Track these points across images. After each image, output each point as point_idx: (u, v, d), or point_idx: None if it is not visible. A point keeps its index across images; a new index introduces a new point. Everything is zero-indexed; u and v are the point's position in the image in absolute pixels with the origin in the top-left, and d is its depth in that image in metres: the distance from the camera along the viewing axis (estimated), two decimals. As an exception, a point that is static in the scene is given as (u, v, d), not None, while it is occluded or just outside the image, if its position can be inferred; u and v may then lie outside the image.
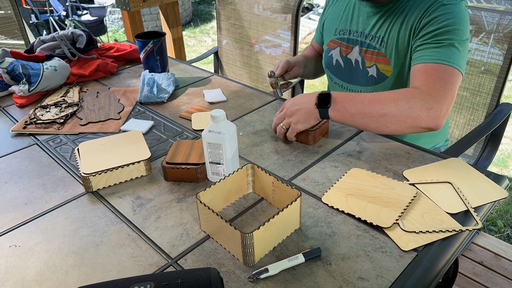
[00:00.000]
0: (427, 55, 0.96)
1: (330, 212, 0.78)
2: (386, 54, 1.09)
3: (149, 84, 1.26)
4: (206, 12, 6.50)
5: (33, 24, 5.08)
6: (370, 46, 1.12)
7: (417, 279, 0.64)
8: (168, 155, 0.90)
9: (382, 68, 1.12)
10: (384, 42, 1.09)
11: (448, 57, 0.94)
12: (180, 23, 2.63)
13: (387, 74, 1.11)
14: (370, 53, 1.13)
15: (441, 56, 0.94)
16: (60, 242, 0.74)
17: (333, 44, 1.23)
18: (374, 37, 1.11)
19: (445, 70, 0.93)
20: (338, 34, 1.20)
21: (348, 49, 1.18)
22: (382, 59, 1.11)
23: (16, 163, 0.99)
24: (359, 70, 1.17)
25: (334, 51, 1.23)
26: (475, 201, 0.79)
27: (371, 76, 1.15)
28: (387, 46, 1.09)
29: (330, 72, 1.27)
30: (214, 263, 0.69)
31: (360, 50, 1.15)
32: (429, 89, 0.90)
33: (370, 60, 1.13)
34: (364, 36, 1.13)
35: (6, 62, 1.31)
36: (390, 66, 1.10)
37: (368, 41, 1.13)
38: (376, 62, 1.12)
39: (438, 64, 0.93)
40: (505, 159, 2.63)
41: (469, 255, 1.71)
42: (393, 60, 1.08)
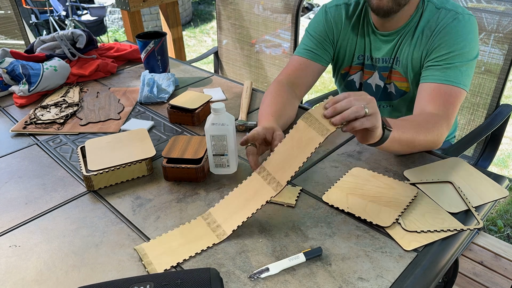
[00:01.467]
0: (439, 75, 1.00)
1: (330, 212, 0.78)
2: (401, 72, 1.12)
3: (149, 84, 1.26)
4: (206, 12, 6.50)
5: (33, 24, 5.08)
6: (387, 68, 1.15)
7: (417, 279, 0.64)
8: (164, 150, 0.91)
9: (400, 85, 1.15)
10: (399, 62, 1.11)
11: (458, 79, 0.99)
12: (180, 23, 2.63)
13: (407, 90, 1.15)
14: (393, 74, 1.15)
15: (451, 78, 0.99)
16: (60, 242, 0.74)
17: (351, 70, 1.23)
18: (391, 59, 1.13)
19: (455, 94, 0.98)
20: (357, 59, 1.20)
21: (368, 74, 1.20)
22: (399, 77, 1.14)
23: (16, 163, 0.99)
24: (379, 88, 1.20)
25: (355, 76, 1.24)
26: (476, 200, 0.80)
27: (390, 92, 1.18)
28: (401, 65, 1.11)
29: None
30: (214, 263, 0.69)
31: (381, 75, 1.17)
32: (446, 118, 0.96)
33: (389, 79, 1.17)
34: (383, 61, 1.15)
35: (6, 62, 1.31)
36: (407, 82, 1.13)
37: (385, 65, 1.15)
38: (394, 81, 1.15)
39: (449, 86, 0.98)
40: (505, 159, 2.63)
41: (469, 255, 1.71)
42: (409, 76, 1.12)
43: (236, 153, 0.91)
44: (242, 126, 1.08)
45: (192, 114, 1.10)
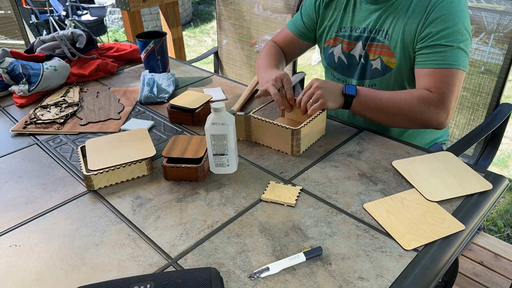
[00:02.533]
0: (434, 59, 1.01)
1: (330, 212, 0.79)
2: (391, 46, 1.11)
3: (149, 84, 1.26)
4: (206, 12, 6.50)
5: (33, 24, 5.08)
6: (374, 39, 1.13)
7: (417, 279, 0.64)
8: (165, 149, 0.91)
9: (387, 60, 1.12)
10: (389, 35, 1.10)
11: (454, 60, 1.00)
12: (180, 23, 2.63)
13: (392, 66, 1.12)
14: (374, 46, 1.13)
15: (447, 60, 1.00)
16: (60, 242, 0.74)
17: (333, 42, 1.22)
18: (378, 31, 1.12)
19: (451, 74, 1.00)
20: (339, 31, 1.20)
21: (351, 45, 1.18)
22: (386, 52, 1.12)
23: (16, 163, 0.99)
24: (362, 64, 1.18)
25: (335, 49, 1.23)
26: (459, 191, 0.82)
27: (375, 69, 1.15)
28: (391, 39, 1.10)
29: (332, 69, 1.26)
30: (214, 263, 0.69)
31: (364, 45, 1.15)
32: (438, 94, 0.99)
33: (374, 53, 1.14)
34: (367, 31, 1.14)
35: (6, 62, 1.31)
36: (394, 58, 1.11)
37: (371, 35, 1.13)
38: (381, 55, 1.13)
39: (445, 69, 1.00)
40: (505, 159, 2.63)
41: (469, 255, 1.71)
42: (398, 52, 1.10)
43: (236, 153, 0.92)
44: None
45: (192, 114, 1.10)
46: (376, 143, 1.00)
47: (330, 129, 1.07)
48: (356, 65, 1.19)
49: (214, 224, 0.77)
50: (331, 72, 1.28)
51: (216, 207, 0.81)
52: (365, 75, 1.18)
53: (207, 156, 0.90)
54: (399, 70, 1.11)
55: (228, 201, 0.83)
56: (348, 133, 1.05)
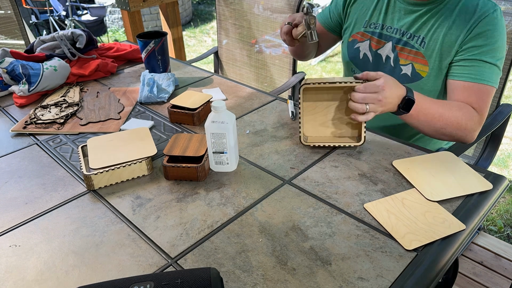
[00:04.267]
0: (472, 73, 1.01)
1: (330, 212, 0.78)
2: (426, 55, 1.08)
3: (149, 84, 1.26)
4: (206, 12, 6.50)
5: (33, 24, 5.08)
6: (408, 44, 1.10)
7: (417, 279, 0.64)
8: (166, 147, 0.91)
9: (419, 68, 1.10)
10: (425, 43, 1.07)
11: (491, 78, 1.01)
12: (180, 23, 2.63)
13: (423, 75, 1.10)
14: (407, 51, 1.10)
15: (485, 76, 1.00)
16: (60, 242, 0.74)
17: (360, 37, 1.19)
18: (412, 36, 1.09)
19: (488, 92, 1.01)
20: (369, 27, 1.17)
21: (380, 44, 1.15)
22: (420, 59, 1.09)
23: (16, 163, 0.99)
24: (390, 67, 1.15)
25: (362, 44, 1.19)
26: (459, 191, 0.82)
27: (405, 74, 1.12)
28: (427, 47, 1.07)
29: (354, 65, 1.23)
30: (214, 263, 0.69)
31: (395, 47, 1.12)
32: (479, 112, 1.01)
33: (406, 59, 1.11)
34: (400, 33, 1.11)
35: (6, 62, 1.31)
36: (427, 67, 1.08)
37: (405, 39, 1.10)
38: (413, 62, 1.10)
39: (482, 85, 1.00)
40: (505, 159, 2.63)
41: (469, 255, 1.71)
42: (432, 62, 1.07)
43: (236, 151, 0.92)
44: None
45: (193, 114, 1.10)
46: (376, 143, 1.00)
47: (330, 129, 1.07)
48: (382, 66, 1.17)
49: (214, 224, 0.77)
50: (352, 68, 1.25)
51: (216, 207, 0.81)
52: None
53: (208, 155, 0.90)
54: (429, 79, 1.09)
55: (228, 201, 0.83)
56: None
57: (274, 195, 0.84)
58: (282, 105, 1.21)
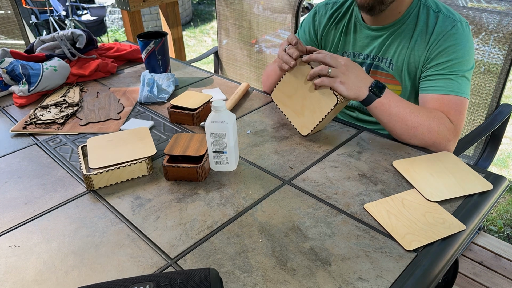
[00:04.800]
0: (442, 86, 1.01)
1: (330, 213, 0.78)
2: (395, 75, 1.11)
3: (149, 84, 1.26)
4: (206, 12, 6.50)
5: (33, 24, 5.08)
6: (378, 67, 1.13)
7: (417, 280, 0.64)
8: (166, 147, 0.91)
9: (392, 88, 1.12)
10: (393, 65, 1.10)
11: (460, 89, 1.00)
12: (180, 23, 2.63)
13: (398, 93, 1.12)
14: (378, 74, 1.14)
15: (454, 88, 1.00)
16: (60, 242, 0.74)
17: None
18: (381, 59, 1.12)
19: (461, 103, 1.00)
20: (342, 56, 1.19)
21: None
22: (391, 81, 1.12)
23: (16, 163, 0.99)
24: None
25: None
26: (459, 191, 0.82)
27: None
28: (395, 68, 1.10)
29: None
30: (214, 263, 0.69)
31: (369, 71, 1.15)
32: (453, 121, 0.99)
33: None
34: (370, 58, 1.14)
35: (6, 62, 1.31)
36: (400, 86, 1.12)
37: (375, 63, 1.14)
38: (386, 83, 1.10)
39: (454, 97, 1.00)
40: (505, 159, 2.63)
41: (469, 255, 1.71)
42: (403, 81, 1.11)
43: (237, 151, 0.92)
44: None
45: (193, 114, 1.10)
46: (376, 143, 1.00)
47: (330, 129, 1.07)
48: None
49: (213, 224, 0.77)
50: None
51: (216, 208, 0.81)
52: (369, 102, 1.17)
53: (208, 156, 0.90)
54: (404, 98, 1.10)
55: (228, 201, 0.83)
56: (348, 133, 1.05)
57: (274, 195, 0.84)
58: (282, 105, 1.21)
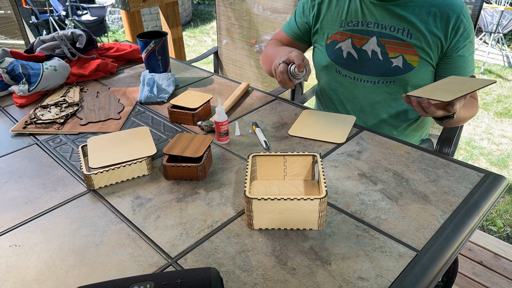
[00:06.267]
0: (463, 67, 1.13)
1: (330, 212, 0.79)
2: (414, 45, 1.11)
3: (149, 84, 1.26)
4: (206, 12, 6.50)
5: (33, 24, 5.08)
6: (394, 37, 1.12)
7: (417, 279, 0.64)
8: (166, 146, 0.91)
9: (410, 59, 1.12)
10: (411, 34, 1.11)
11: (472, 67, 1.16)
12: (180, 23, 2.63)
13: (414, 65, 1.12)
14: (395, 44, 1.12)
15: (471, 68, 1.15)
16: (60, 242, 0.75)
17: (340, 37, 1.19)
18: (397, 29, 1.11)
19: None
20: (347, 25, 1.18)
21: (363, 40, 1.16)
22: (410, 50, 1.12)
23: (16, 162, 0.99)
24: (378, 61, 1.15)
25: (343, 43, 1.19)
26: (468, 89, 0.91)
27: (396, 66, 1.14)
28: (414, 38, 1.10)
29: (339, 65, 1.22)
30: (214, 263, 0.69)
31: (380, 41, 1.14)
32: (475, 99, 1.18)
33: (395, 51, 1.13)
34: (382, 26, 1.13)
35: (6, 62, 1.31)
36: (417, 57, 1.11)
37: (390, 32, 1.12)
38: (403, 53, 1.12)
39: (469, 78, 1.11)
40: (505, 159, 2.63)
41: (468, 255, 1.71)
42: (420, 51, 1.11)
43: None
44: (208, 127, 1.07)
45: (193, 114, 1.10)
46: (376, 143, 1.00)
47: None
48: (369, 61, 1.17)
49: (214, 224, 0.77)
50: (336, 69, 1.24)
51: (216, 207, 0.81)
52: (381, 71, 1.16)
53: (207, 155, 0.91)
54: (420, 69, 1.12)
55: (228, 201, 0.83)
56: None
57: (274, 195, 0.84)
58: (282, 105, 1.21)
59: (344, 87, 1.25)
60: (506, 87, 3.63)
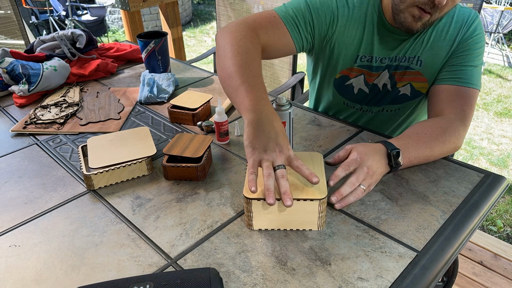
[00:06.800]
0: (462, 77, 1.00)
1: (330, 212, 0.79)
2: (424, 72, 1.05)
3: (149, 84, 1.26)
4: (206, 12, 6.51)
5: (33, 24, 5.09)
6: (402, 67, 1.07)
7: (417, 279, 0.64)
8: (166, 146, 0.91)
9: (419, 86, 1.08)
10: (422, 62, 1.04)
11: (478, 81, 1.00)
12: (180, 23, 2.63)
13: (423, 91, 1.08)
14: (403, 74, 1.07)
15: (473, 81, 0.99)
16: (60, 242, 0.74)
17: (352, 73, 1.11)
18: (407, 58, 1.05)
19: (474, 96, 0.99)
20: (360, 61, 1.08)
21: (373, 76, 1.10)
22: (419, 78, 1.07)
23: (16, 162, 0.99)
24: (387, 92, 1.12)
25: (355, 80, 1.12)
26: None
27: (403, 95, 1.11)
28: (425, 65, 1.05)
29: (347, 99, 1.18)
30: (214, 263, 0.69)
31: (392, 74, 1.09)
32: (465, 116, 0.96)
33: (402, 81, 1.09)
34: (393, 60, 1.06)
35: (6, 62, 1.31)
36: (427, 83, 1.07)
37: (402, 64, 1.07)
38: (411, 81, 1.08)
39: (470, 89, 0.98)
40: (505, 159, 2.63)
41: (468, 255, 1.71)
42: (430, 76, 1.06)
43: None
44: (208, 127, 1.07)
45: (193, 114, 1.10)
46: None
47: (330, 129, 1.07)
48: (379, 94, 1.13)
49: (213, 224, 0.77)
50: (344, 102, 1.19)
51: (216, 207, 0.81)
52: (388, 101, 1.13)
53: (207, 155, 0.91)
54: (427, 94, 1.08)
55: (228, 201, 0.83)
56: (348, 133, 1.05)
57: (273, 195, 0.84)
58: (282, 105, 1.21)
59: (348, 114, 1.24)
60: (506, 87, 3.63)
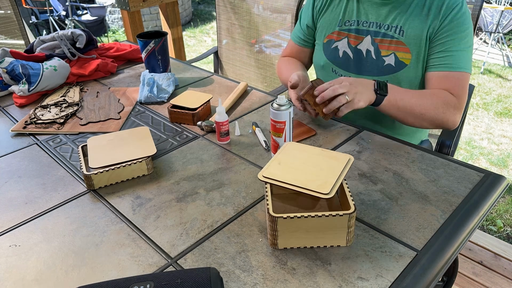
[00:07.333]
0: (450, 62, 1.05)
1: (329, 212, 0.78)
2: (406, 42, 1.10)
3: (149, 84, 1.26)
4: (206, 12, 6.51)
5: (33, 24, 5.08)
6: (387, 35, 1.12)
7: (417, 279, 0.64)
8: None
9: (402, 56, 1.12)
10: (404, 32, 1.10)
11: (466, 65, 1.06)
12: (180, 23, 2.63)
13: (406, 62, 1.12)
14: (387, 42, 1.12)
15: (461, 65, 1.05)
16: (60, 242, 0.74)
17: (337, 36, 1.20)
18: (390, 27, 1.12)
19: (464, 78, 1.06)
20: (343, 25, 1.18)
21: (358, 39, 1.16)
22: (402, 48, 1.11)
23: (16, 162, 0.99)
24: (372, 60, 1.15)
25: (339, 43, 1.19)
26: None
27: (388, 65, 1.14)
28: (406, 35, 1.10)
29: (335, 65, 1.23)
30: (214, 263, 0.69)
31: (373, 40, 1.14)
32: (458, 98, 1.05)
33: (387, 49, 1.13)
34: (377, 25, 1.13)
35: (6, 62, 1.31)
36: (410, 54, 1.11)
37: (383, 31, 1.13)
38: (395, 51, 1.12)
39: (459, 73, 1.05)
40: (504, 159, 2.63)
41: (468, 254, 1.71)
42: (413, 49, 1.10)
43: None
44: (208, 127, 1.07)
45: (193, 114, 1.10)
46: (376, 143, 1.00)
47: (330, 129, 1.07)
48: (363, 60, 1.17)
49: (214, 224, 0.77)
50: (332, 68, 1.24)
51: (216, 207, 0.81)
52: (375, 71, 1.16)
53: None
54: (412, 66, 1.11)
55: (228, 201, 0.83)
56: (348, 133, 1.05)
57: (274, 195, 0.84)
58: (282, 105, 1.21)
59: None
60: (506, 87, 3.63)
